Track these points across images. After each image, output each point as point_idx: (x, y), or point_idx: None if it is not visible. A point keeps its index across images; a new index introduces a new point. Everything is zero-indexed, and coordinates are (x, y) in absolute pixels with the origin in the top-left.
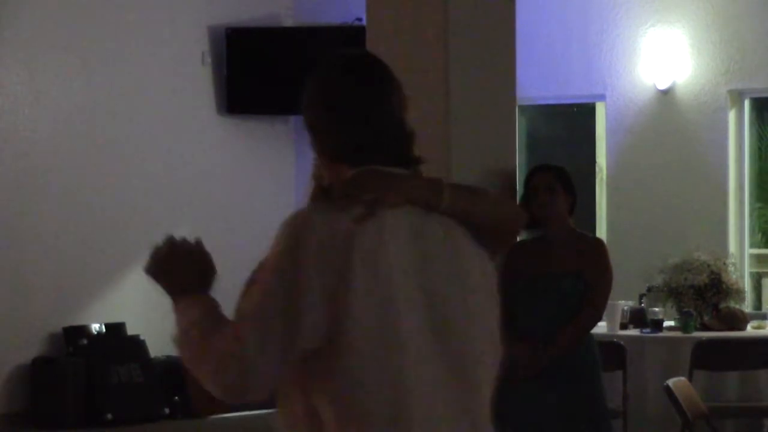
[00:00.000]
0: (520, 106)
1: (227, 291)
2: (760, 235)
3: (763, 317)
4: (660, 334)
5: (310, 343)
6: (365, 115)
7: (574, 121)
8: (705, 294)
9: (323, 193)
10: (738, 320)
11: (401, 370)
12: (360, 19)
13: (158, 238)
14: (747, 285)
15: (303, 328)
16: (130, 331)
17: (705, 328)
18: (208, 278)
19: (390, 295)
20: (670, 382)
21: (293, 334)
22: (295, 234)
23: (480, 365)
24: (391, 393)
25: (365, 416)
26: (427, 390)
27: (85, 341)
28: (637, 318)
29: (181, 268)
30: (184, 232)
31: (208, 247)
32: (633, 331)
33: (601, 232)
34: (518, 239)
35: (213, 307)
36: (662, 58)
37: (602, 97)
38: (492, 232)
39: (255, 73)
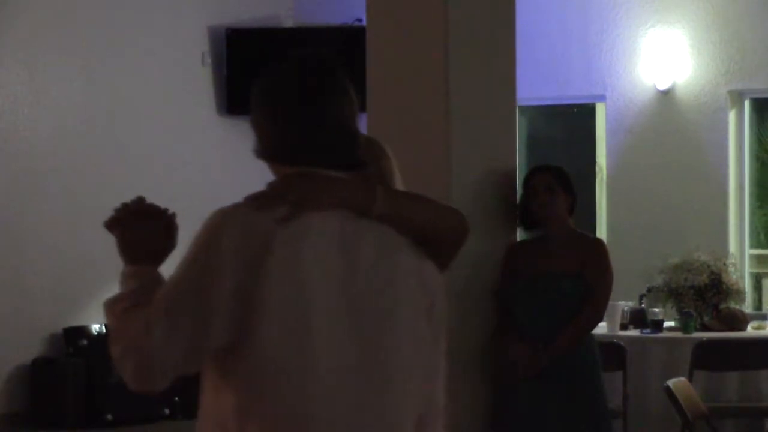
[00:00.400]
0: (520, 106)
1: None
2: (760, 235)
3: (763, 318)
4: (660, 335)
5: (219, 340)
6: (303, 116)
7: (574, 121)
8: (705, 294)
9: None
10: (738, 321)
11: (308, 375)
12: (360, 20)
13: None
14: (747, 285)
15: (212, 323)
16: None
17: (705, 328)
18: (164, 250)
19: (305, 299)
20: (670, 382)
21: (202, 328)
22: (215, 230)
23: (405, 377)
24: (295, 398)
25: (264, 418)
26: (337, 397)
27: (85, 342)
28: (637, 318)
29: (141, 229)
30: (183, 231)
31: None
32: (633, 332)
33: (601, 232)
34: (518, 239)
35: (152, 283)
36: (662, 59)
37: (602, 98)
38: (433, 242)
39: (255, 73)
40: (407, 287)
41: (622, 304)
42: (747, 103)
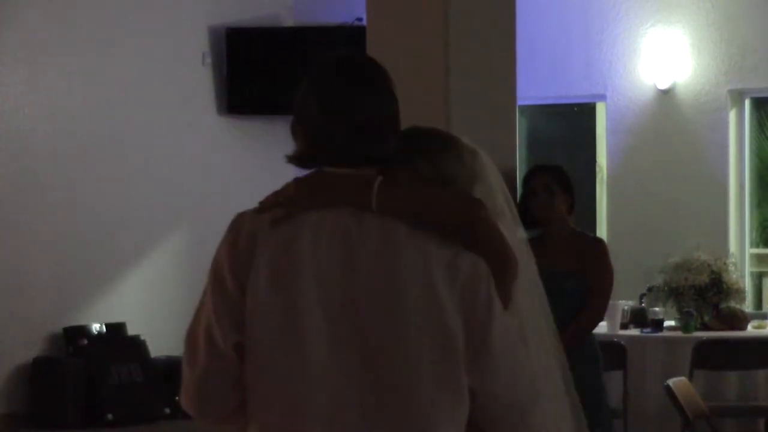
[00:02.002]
0: (520, 106)
1: None
2: (760, 234)
3: (763, 317)
4: (660, 334)
5: (234, 337)
6: (312, 118)
7: (575, 121)
8: (705, 294)
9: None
10: (738, 320)
11: (302, 375)
12: (360, 19)
13: (158, 238)
14: (747, 285)
15: (223, 323)
16: (131, 331)
17: (705, 327)
18: None
19: (295, 299)
20: (671, 381)
21: (228, 328)
22: (224, 235)
23: (411, 371)
24: (289, 399)
25: (263, 419)
26: (335, 396)
27: (85, 341)
28: (637, 318)
29: None
30: (183, 232)
31: (208, 248)
32: (633, 331)
33: (601, 232)
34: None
35: None
36: (663, 58)
37: (603, 97)
38: (446, 230)
39: (255, 73)
40: (412, 285)
41: (622, 304)
42: (747, 103)
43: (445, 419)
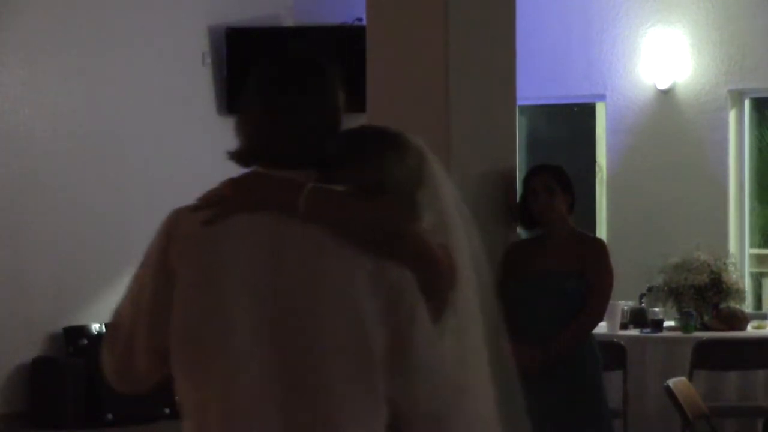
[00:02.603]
0: (520, 106)
1: None
2: (760, 235)
3: (763, 317)
4: (660, 334)
5: (163, 335)
6: (253, 117)
7: (574, 121)
8: (705, 294)
9: None
10: (738, 320)
11: (222, 375)
12: (360, 19)
13: None
14: (747, 285)
15: (152, 320)
16: None
17: (705, 328)
18: None
19: (219, 300)
20: (671, 382)
21: (147, 325)
22: (160, 230)
23: (329, 375)
24: (213, 396)
25: (189, 415)
26: (253, 395)
27: (85, 341)
28: (637, 318)
29: None
30: None
31: None
32: (633, 331)
33: (601, 232)
34: (518, 239)
35: None
36: (662, 58)
37: (602, 97)
38: (373, 239)
39: None
40: (332, 294)
41: (622, 304)
42: (747, 103)
43: (361, 423)
